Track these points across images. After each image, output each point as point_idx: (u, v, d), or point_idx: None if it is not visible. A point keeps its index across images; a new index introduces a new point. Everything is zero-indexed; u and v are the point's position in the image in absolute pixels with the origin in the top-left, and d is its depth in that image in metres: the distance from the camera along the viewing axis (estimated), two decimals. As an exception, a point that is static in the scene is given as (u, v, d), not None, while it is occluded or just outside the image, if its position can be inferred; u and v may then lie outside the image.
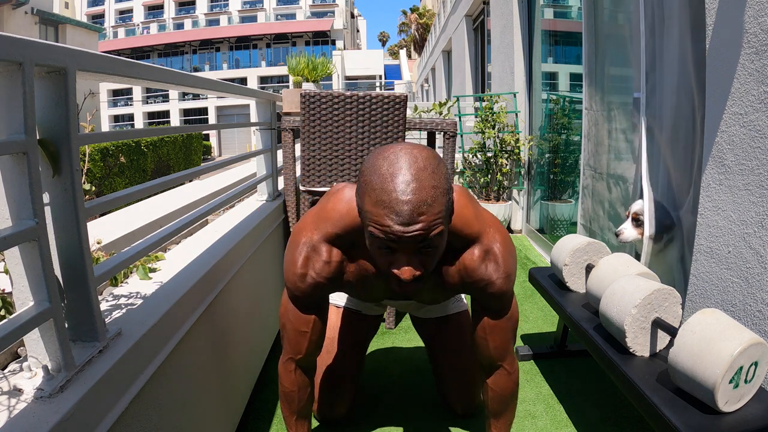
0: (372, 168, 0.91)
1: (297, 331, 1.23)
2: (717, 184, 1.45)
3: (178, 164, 13.32)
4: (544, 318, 2.59)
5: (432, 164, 0.90)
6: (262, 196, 2.39)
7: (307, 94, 2.13)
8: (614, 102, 2.61)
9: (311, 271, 1.14)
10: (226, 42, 33.60)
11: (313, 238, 1.14)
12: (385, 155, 0.91)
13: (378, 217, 0.88)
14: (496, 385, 1.28)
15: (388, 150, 0.92)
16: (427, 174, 0.88)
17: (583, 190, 2.94)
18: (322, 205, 1.19)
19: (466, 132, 4.85)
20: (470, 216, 1.12)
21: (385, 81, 29.46)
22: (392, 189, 0.86)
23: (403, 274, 0.91)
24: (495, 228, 1.16)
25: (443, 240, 0.94)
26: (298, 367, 1.29)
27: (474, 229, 1.12)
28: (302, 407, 1.34)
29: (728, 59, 1.37)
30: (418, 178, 0.87)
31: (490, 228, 1.15)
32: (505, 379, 1.27)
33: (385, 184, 0.87)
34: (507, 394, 1.28)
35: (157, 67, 1.16)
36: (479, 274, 1.13)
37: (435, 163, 0.91)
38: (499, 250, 1.13)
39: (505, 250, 1.14)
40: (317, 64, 3.46)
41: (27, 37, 0.68)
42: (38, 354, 0.76)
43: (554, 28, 4.18)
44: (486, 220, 1.16)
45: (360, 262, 1.16)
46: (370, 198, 0.89)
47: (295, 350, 1.26)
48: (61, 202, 0.79)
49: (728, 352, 1.06)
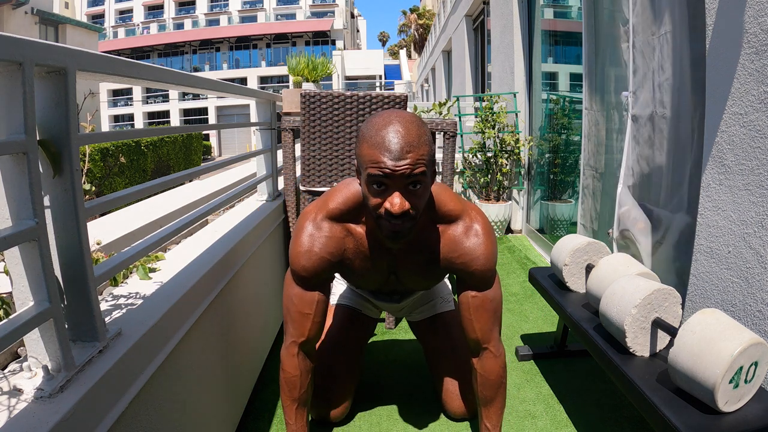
0: (367, 124, 1.10)
1: (301, 313, 1.30)
2: (717, 184, 1.45)
3: (178, 164, 13.32)
4: (544, 318, 2.59)
5: (418, 121, 1.10)
6: (262, 196, 2.39)
7: (307, 94, 2.13)
8: (614, 102, 2.61)
9: (315, 248, 1.25)
10: (226, 42, 33.60)
11: (316, 218, 1.27)
12: (379, 114, 1.11)
13: (373, 156, 1.05)
14: (483, 369, 1.35)
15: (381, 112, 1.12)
16: (414, 125, 1.07)
17: (583, 190, 2.94)
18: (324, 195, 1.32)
19: (466, 132, 4.85)
20: (451, 196, 1.28)
21: (385, 81, 29.44)
22: (385, 132, 1.05)
23: (394, 207, 1.05)
24: (476, 211, 1.29)
25: (427, 181, 1.10)
26: (301, 350, 1.36)
27: (456, 206, 1.27)
28: (303, 393, 1.37)
29: (728, 59, 1.37)
30: (406, 127, 1.06)
31: (471, 210, 1.29)
32: (491, 362, 1.35)
33: (379, 130, 1.06)
34: (493, 378, 1.35)
35: (157, 67, 1.16)
36: (463, 248, 1.26)
37: (420, 121, 1.10)
38: (481, 228, 1.26)
39: (486, 229, 1.27)
40: (317, 64, 3.46)
41: (27, 37, 0.68)
42: (38, 354, 0.76)
43: (554, 28, 4.18)
44: (467, 204, 1.30)
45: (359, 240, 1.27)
46: (367, 143, 1.07)
47: (299, 332, 1.32)
48: (61, 202, 0.79)
49: (728, 352, 1.06)
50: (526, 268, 3.41)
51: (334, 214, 1.26)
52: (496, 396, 1.37)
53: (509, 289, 3.05)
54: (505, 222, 4.35)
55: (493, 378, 1.35)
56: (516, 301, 2.83)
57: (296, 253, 1.28)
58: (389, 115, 1.09)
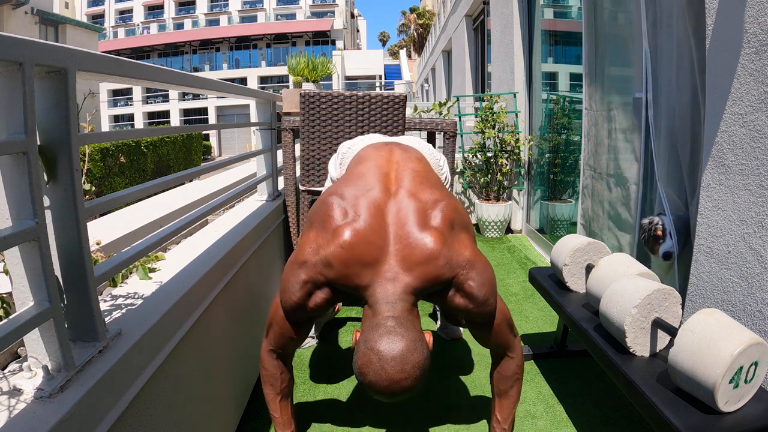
0: (362, 367, 1.01)
1: (282, 334, 1.29)
2: (717, 184, 1.45)
3: (178, 164, 13.31)
4: (544, 318, 2.59)
5: (410, 367, 1.00)
6: (262, 196, 2.39)
7: (307, 94, 2.13)
8: (614, 102, 2.60)
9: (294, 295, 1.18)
10: (226, 42, 33.58)
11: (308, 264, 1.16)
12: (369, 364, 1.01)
13: (369, 391, 1.02)
14: (501, 367, 1.37)
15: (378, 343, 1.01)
16: (410, 379, 0.99)
17: (583, 190, 2.94)
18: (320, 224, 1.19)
19: (466, 132, 4.85)
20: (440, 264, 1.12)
21: (385, 81, 29.42)
22: (379, 389, 1.00)
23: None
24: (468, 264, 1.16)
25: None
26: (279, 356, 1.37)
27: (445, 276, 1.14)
28: (284, 387, 1.39)
29: (728, 59, 1.37)
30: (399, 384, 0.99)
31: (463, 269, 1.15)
32: (508, 362, 1.37)
33: (372, 385, 1.00)
34: (510, 374, 1.37)
35: (157, 67, 1.16)
36: (463, 313, 1.20)
37: (413, 362, 1.00)
38: (475, 284, 1.15)
39: (479, 282, 1.16)
40: (317, 64, 3.46)
41: (27, 37, 0.68)
42: (38, 354, 0.76)
43: (554, 28, 4.18)
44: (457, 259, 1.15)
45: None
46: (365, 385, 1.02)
47: (278, 346, 1.33)
48: (61, 202, 0.79)
49: (728, 352, 1.06)
50: (526, 268, 3.41)
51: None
52: (511, 390, 1.38)
53: (509, 289, 3.05)
54: (505, 222, 4.35)
55: (510, 374, 1.37)
56: (516, 301, 2.83)
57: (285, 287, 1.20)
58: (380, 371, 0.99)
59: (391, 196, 1.21)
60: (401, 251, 1.11)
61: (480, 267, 1.17)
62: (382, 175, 1.29)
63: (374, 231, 1.12)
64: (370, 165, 1.35)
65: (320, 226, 1.18)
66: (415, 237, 1.12)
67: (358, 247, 1.10)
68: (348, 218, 1.15)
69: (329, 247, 1.12)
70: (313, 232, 1.18)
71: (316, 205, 1.26)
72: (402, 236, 1.13)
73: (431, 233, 1.12)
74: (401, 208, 1.18)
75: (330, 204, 1.19)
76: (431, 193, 1.23)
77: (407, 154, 1.43)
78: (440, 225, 1.14)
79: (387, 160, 1.38)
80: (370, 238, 1.11)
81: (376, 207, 1.17)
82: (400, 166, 1.34)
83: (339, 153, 1.64)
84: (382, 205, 1.18)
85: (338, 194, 1.23)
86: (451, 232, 1.15)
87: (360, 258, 1.10)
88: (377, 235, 1.12)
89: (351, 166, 1.45)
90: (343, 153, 1.60)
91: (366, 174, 1.30)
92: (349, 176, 1.34)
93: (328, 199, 1.22)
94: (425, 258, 1.10)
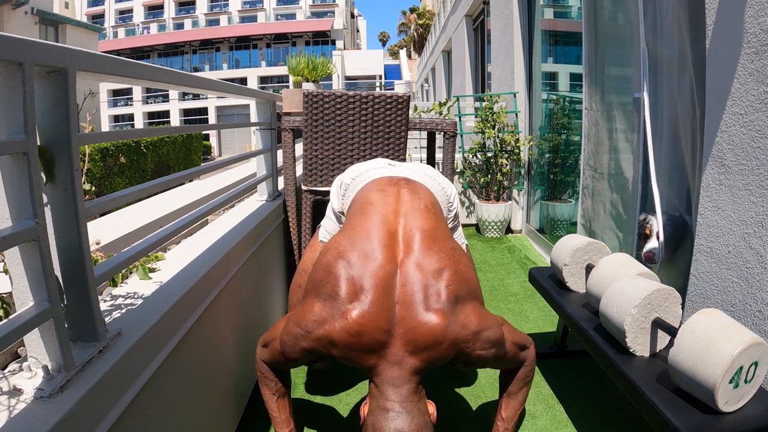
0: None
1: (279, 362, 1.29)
2: (717, 184, 1.45)
3: (178, 164, 13.31)
4: (544, 318, 2.59)
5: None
6: (262, 196, 2.39)
7: (310, 94, 2.13)
8: (614, 102, 2.60)
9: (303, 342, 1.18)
10: (226, 42, 33.58)
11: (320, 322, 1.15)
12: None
13: None
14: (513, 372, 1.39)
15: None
16: None
17: (583, 190, 2.94)
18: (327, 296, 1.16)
19: (466, 132, 4.85)
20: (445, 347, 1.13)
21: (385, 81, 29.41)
22: None
23: None
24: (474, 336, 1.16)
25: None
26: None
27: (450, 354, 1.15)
28: (281, 388, 1.39)
29: (728, 59, 1.37)
30: None
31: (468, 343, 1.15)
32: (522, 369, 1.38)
33: None
34: (521, 377, 1.38)
35: (157, 67, 1.16)
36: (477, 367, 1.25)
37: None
38: (483, 351, 1.17)
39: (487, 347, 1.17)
40: (317, 64, 3.46)
41: (27, 37, 0.68)
42: (38, 354, 0.76)
43: (554, 28, 4.18)
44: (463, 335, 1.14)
45: None
46: None
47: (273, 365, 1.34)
48: (60, 202, 0.79)
49: (728, 352, 1.06)
50: (526, 268, 3.41)
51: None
52: (520, 392, 1.40)
53: (509, 289, 3.05)
54: (505, 222, 4.35)
55: (521, 377, 1.38)
56: (516, 301, 2.83)
57: (284, 341, 1.22)
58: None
59: (397, 267, 1.18)
60: (406, 335, 1.11)
61: (486, 335, 1.16)
62: (389, 236, 1.24)
63: (381, 315, 1.11)
64: (375, 220, 1.28)
65: (327, 298, 1.15)
66: (419, 320, 1.11)
67: (366, 334, 1.09)
68: (356, 299, 1.12)
69: (335, 325, 1.11)
70: (319, 304, 1.15)
71: (322, 269, 1.21)
72: (406, 318, 1.11)
73: (436, 315, 1.11)
74: (407, 283, 1.15)
75: (338, 275, 1.16)
76: (437, 259, 1.19)
77: (416, 201, 1.36)
78: (444, 304, 1.12)
79: (394, 211, 1.32)
80: (378, 323, 1.10)
81: (383, 284, 1.14)
82: (408, 222, 1.29)
83: (342, 183, 1.58)
84: (389, 279, 1.15)
85: (345, 259, 1.18)
86: (456, 308, 1.14)
87: (366, 345, 1.10)
88: (384, 320, 1.11)
89: (354, 210, 1.38)
90: (347, 185, 1.54)
91: (372, 233, 1.24)
92: (354, 231, 1.27)
93: (335, 267, 1.17)
94: (430, 344, 1.10)
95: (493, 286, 3.10)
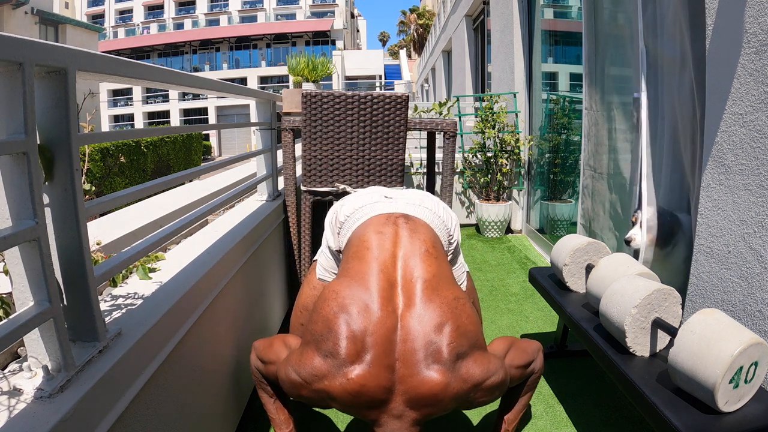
0: None
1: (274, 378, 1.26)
2: (717, 184, 1.45)
3: (178, 164, 13.31)
4: (544, 318, 2.59)
5: None
6: (262, 196, 2.39)
7: (309, 94, 2.13)
8: (614, 102, 2.61)
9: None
10: (226, 42, 33.59)
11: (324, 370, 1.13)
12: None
13: None
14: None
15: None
16: None
17: (583, 190, 2.94)
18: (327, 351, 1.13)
19: (466, 132, 4.85)
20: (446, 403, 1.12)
21: (385, 81, 29.42)
22: None
23: None
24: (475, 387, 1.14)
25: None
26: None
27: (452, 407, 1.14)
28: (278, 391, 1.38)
29: (728, 59, 1.37)
30: None
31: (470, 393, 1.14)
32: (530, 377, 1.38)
33: None
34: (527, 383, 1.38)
35: (157, 67, 1.16)
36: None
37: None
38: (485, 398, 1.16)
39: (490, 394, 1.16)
40: (317, 64, 3.46)
41: (27, 37, 0.68)
42: (38, 354, 0.76)
43: (554, 28, 4.18)
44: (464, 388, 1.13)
45: None
46: None
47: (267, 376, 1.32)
48: (60, 202, 0.79)
49: (728, 352, 1.06)
50: (526, 268, 3.41)
51: None
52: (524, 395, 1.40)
53: (509, 289, 3.05)
54: (505, 222, 4.35)
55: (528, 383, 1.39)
56: (516, 301, 2.83)
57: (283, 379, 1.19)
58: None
59: (398, 320, 1.15)
60: (407, 392, 1.09)
61: (489, 382, 1.14)
62: (389, 285, 1.20)
63: (382, 374, 1.09)
64: (374, 268, 1.23)
65: (327, 355, 1.11)
66: (420, 379, 1.09)
67: (366, 394, 1.08)
68: (357, 359, 1.09)
69: (335, 383, 1.09)
70: (319, 359, 1.12)
71: (322, 320, 1.16)
72: (407, 377, 1.10)
73: (438, 374, 1.09)
74: (408, 340, 1.12)
75: (338, 334, 1.12)
76: (440, 314, 1.15)
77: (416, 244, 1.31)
78: (446, 362, 1.10)
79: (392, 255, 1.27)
80: (379, 383, 1.08)
81: (384, 341, 1.11)
82: (408, 269, 1.24)
83: (336, 220, 1.51)
84: (390, 336, 1.13)
85: (346, 313, 1.14)
86: (456, 364, 1.11)
87: (366, 403, 1.09)
88: (385, 379, 1.09)
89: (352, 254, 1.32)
90: (341, 222, 1.49)
91: (371, 284, 1.20)
92: (353, 279, 1.23)
93: (335, 324, 1.14)
94: (431, 402, 1.09)
95: (493, 286, 3.10)
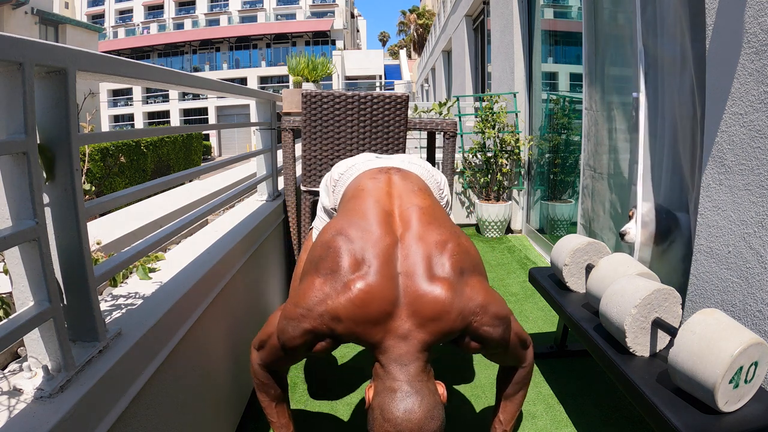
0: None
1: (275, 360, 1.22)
2: (717, 184, 1.45)
3: (178, 164, 13.31)
4: (544, 318, 2.59)
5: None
6: (262, 196, 2.39)
7: (309, 94, 2.13)
8: (614, 102, 2.61)
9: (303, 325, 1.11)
10: (226, 42, 33.59)
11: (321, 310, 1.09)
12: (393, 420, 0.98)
13: None
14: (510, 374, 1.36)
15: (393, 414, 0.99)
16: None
17: (583, 190, 2.94)
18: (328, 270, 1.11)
19: (466, 132, 4.85)
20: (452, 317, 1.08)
21: (385, 81, 29.42)
22: None
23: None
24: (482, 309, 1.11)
25: None
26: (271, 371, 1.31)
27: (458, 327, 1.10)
28: (278, 393, 1.35)
29: (728, 59, 1.37)
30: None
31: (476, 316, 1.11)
32: (519, 371, 1.35)
33: None
34: (518, 380, 1.36)
35: (157, 67, 1.16)
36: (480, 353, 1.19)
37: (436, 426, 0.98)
38: (490, 328, 1.12)
39: (494, 325, 1.13)
40: (317, 64, 3.46)
41: (27, 37, 0.68)
42: (38, 354, 0.76)
43: (554, 28, 4.18)
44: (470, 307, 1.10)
45: None
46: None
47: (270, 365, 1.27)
48: (60, 202, 0.79)
49: (728, 352, 1.06)
50: (526, 268, 3.41)
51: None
52: (517, 394, 1.37)
53: (509, 289, 3.05)
54: (505, 222, 4.35)
55: (519, 380, 1.35)
56: (516, 301, 2.83)
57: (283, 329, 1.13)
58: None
59: (397, 240, 1.15)
60: (412, 304, 1.06)
61: (493, 309, 1.12)
62: (385, 214, 1.21)
63: (386, 284, 1.06)
64: (370, 202, 1.25)
65: (328, 273, 1.09)
66: (424, 290, 1.06)
67: (372, 304, 1.04)
68: (359, 269, 1.08)
69: (339, 299, 1.06)
70: (319, 280, 1.10)
71: (321, 246, 1.16)
72: (411, 288, 1.07)
73: (441, 285, 1.07)
74: (408, 255, 1.11)
75: (338, 249, 1.11)
76: (439, 233, 1.16)
77: (408, 184, 1.34)
78: (449, 274, 1.09)
79: (387, 193, 1.30)
80: (383, 293, 1.05)
81: (385, 255, 1.10)
82: (404, 202, 1.27)
83: (330, 179, 1.53)
84: (391, 252, 1.12)
85: (344, 235, 1.14)
86: (461, 279, 1.10)
87: (372, 316, 1.05)
88: (389, 289, 1.06)
89: (347, 199, 1.35)
90: (335, 180, 1.50)
91: (368, 213, 1.20)
92: (350, 213, 1.24)
93: (334, 242, 1.13)
94: (437, 314, 1.05)
95: (493, 286, 3.08)
